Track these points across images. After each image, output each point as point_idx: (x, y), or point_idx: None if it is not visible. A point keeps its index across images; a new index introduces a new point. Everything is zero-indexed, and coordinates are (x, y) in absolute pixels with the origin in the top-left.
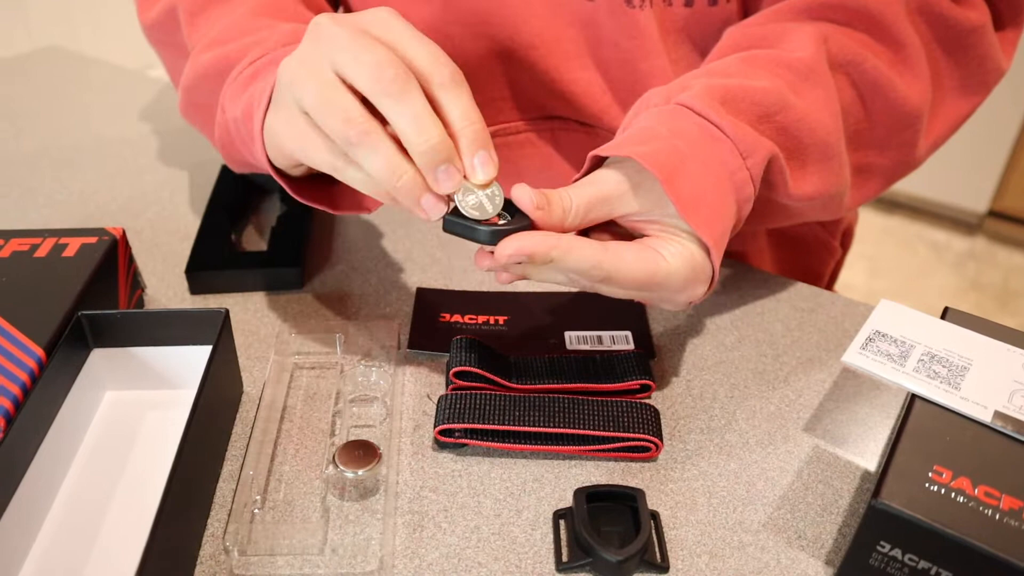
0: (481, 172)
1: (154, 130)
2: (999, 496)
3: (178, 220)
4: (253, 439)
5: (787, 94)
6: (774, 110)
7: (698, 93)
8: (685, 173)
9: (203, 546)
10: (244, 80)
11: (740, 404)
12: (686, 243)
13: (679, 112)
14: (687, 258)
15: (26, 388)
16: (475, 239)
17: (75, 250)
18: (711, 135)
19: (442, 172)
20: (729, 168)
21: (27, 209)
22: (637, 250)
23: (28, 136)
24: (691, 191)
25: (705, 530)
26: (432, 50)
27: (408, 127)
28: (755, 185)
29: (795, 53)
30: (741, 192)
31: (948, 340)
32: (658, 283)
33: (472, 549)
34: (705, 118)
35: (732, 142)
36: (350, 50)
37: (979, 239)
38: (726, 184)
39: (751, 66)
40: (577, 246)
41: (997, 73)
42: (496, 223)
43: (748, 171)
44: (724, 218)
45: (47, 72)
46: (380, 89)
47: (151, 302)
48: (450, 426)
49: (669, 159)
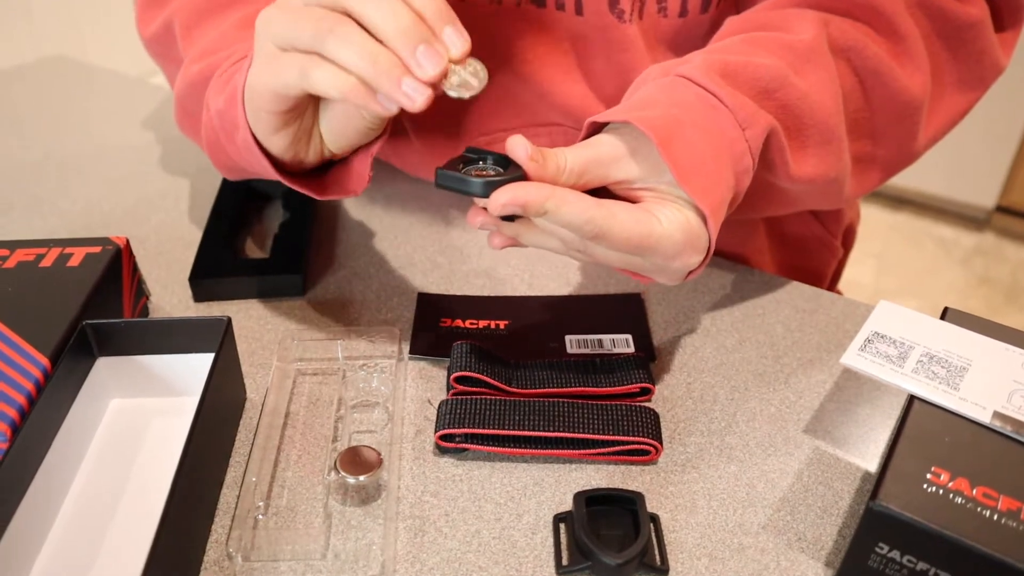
0: (453, 47)
1: (158, 138)
2: (997, 497)
3: (182, 228)
4: (256, 445)
5: (788, 73)
6: (775, 86)
7: (698, 65)
8: (682, 139)
9: (207, 552)
10: (227, 76)
11: (740, 406)
12: (682, 209)
13: (678, 83)
14: (682, 223)
15: (32, 397)
16: (468, 191)
17: (80, 260)
18: (710, 104)
19: (422, 54)
20: (728, 137)
21: (32, 217)
22: (632, 209)
23: (33, 145)
24: (688, 157)
25: (705, 532)
26: None
27: (377, 15)
28: (754, 158)
29: (797, 35)
30: (739, 163)
31: (947, 340)
32: (651, 246)
33: (473, 553)
34: (704, 88)
35: (731, 111)
36: None
37: (987, 234)
38: (724, 153)
39: (753, 45)
40: (572, 199)
41: (995, 70)
42: (490, 175)
43: (747, 143)
44: (721, 187)
45: (52, 81)
46: None
47: (155, 310)
48: (451, 431)
49: (666, 124)
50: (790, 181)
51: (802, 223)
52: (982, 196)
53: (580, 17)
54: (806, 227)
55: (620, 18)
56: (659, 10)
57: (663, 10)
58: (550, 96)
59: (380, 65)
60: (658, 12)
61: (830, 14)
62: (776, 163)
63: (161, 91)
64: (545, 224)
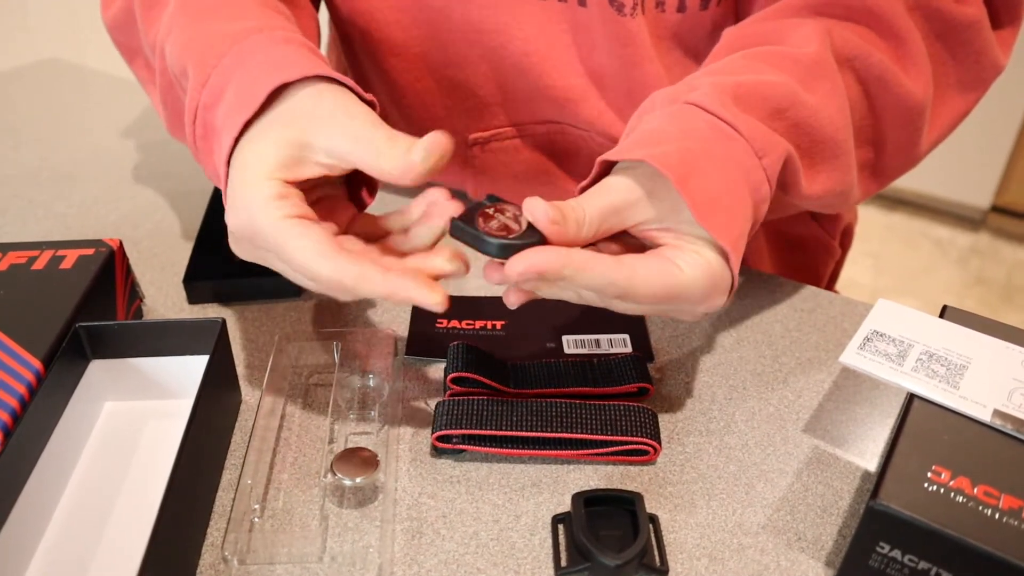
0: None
1: (152, 141)
2: (998, 495)
3: (176, 230)
4: (251, 448)
5: (797, 89)
6: (785, 105)
7: (707, 91)
8: (699, 174)
9: (202, 555)
10: (202, 140)
11: (739, 406)
12: (702, 251)
13: (689, 111)
14: (704, 267)
15: (24, 400)
16: (483, 251)
17: (72, 262)
18: (724, 134)
19: (426, 291)
20: (744, 168)
21: (27, 221)
22: (652, 263)
23: (27, 148)
24: (706, 193)
25: (704, 533)
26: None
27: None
28: (771, 185)
29: (801, 48)
30: (757, 192)
31: (946, 339)
32: (676, 296)
33: (471, 555)
34: (717, 116)
35: (746, 141)
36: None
37: (983, 235)
38: (742, 185)
39: (757, 62)
40: (591, 263)
41: (995, 69)
42: (506, 236)
43: (764, 171)
44: (741, 220)
45: (47, 84)
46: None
47: (149, 312)
48: (448, 432)
49: (682, 160)
50: (801, 199)
51: (800, 224)
52: (978, 196)
53: (583, 9)
54: (804, 228)
55: (620, 12)
56: (657, 5)
57: (660, 5)
58: (550, 90)
59: (402, 297)
60: (656, 7)
61: (830, 20)
62: (790, 184)
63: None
64: (565, 284)
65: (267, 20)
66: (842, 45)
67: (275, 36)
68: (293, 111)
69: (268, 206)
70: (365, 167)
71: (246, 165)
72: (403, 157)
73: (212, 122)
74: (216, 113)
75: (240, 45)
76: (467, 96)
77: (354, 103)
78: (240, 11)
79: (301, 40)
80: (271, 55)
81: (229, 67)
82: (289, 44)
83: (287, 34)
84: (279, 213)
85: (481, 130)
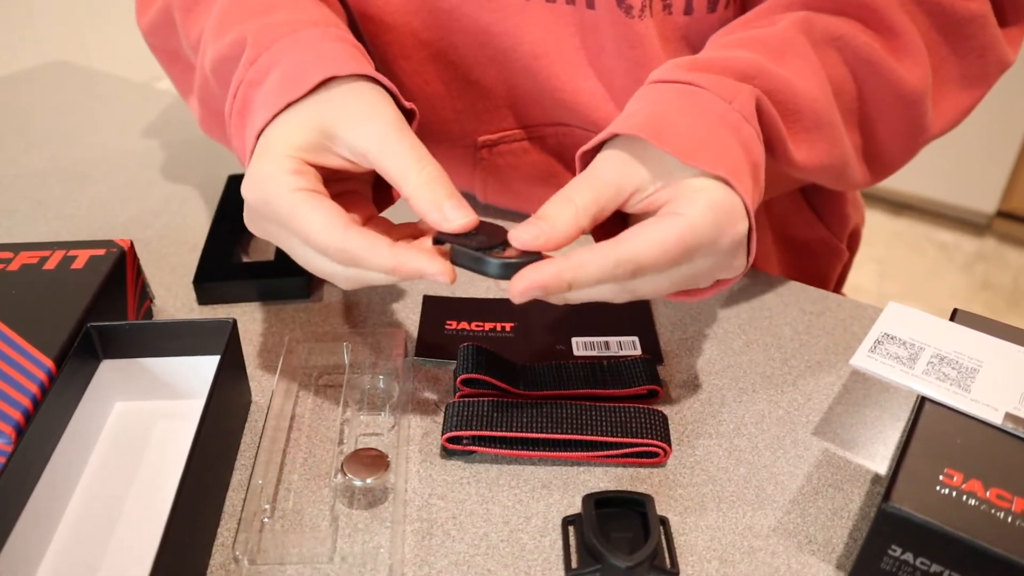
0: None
1: (161, 142)
2: (1011, 499)
3: (186, 231)
4: (262, 448)
5: (764, 62)
6: (751, 73)
7: (667, 67)
8: (672, 127)
9: (213, 555)
10: (238, 115)
11: (749, 408)
12: (701, 190)
13: (651, 88)
14: (707, 200)
15: (36, 400)
16: (485, 273)
17: (84, 262)
18: (687, 92)
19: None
20: (717, 113)
21: (37, 222)
22: (651, 223)
23: (37, 150)
24: (685, 140)
25: (715, 535)
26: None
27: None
28: (751, 125)
29: (770, 31)
30: (739, 133)
31: (957, 342)
32: (691, 243)
33: (481, 556)
34: (678, 81)
35: (709, 91)
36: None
37: (988, 239)
38: (719, 127)
39: (724, 46)
40: (587, 256)
41: (1000, 65)
42: (506, 256)
43: (738, 112)
44: (731, 154)
45: (55, 86)
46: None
47: (159, 313)
48: (458, 433)
49: (651, 120)
50: (791, 166)
51: (808, 227)
52: (983, 201)
53: (592, 11)
54: (812, 231)
55: (628, 13)
56: (664, 7)
57: (668, 7)
58: (559, 92)
59: (405, 273)
60: (663, 10)
61: (816, 13)
62: (775, 141)
63: (165, 96)
64: (576, 288)
65: (323, 16)
66: (824, 27)
67: (329, 32)
68: (328, 101)
69: (281, 178)
70: (383, 172)
71: (270, 140)
72: (437, 208)
73: (251, 98)
74: (258, 91)
75: (296, 34)
76: (476, 99)
77: (389, 107)
78: (298, 5)
79: (353, 41)
80: (323, 49)
81: (280, 51)
82: (342, 42)
83: (341, 33)
84: (292, 185)
85: (490, 132)
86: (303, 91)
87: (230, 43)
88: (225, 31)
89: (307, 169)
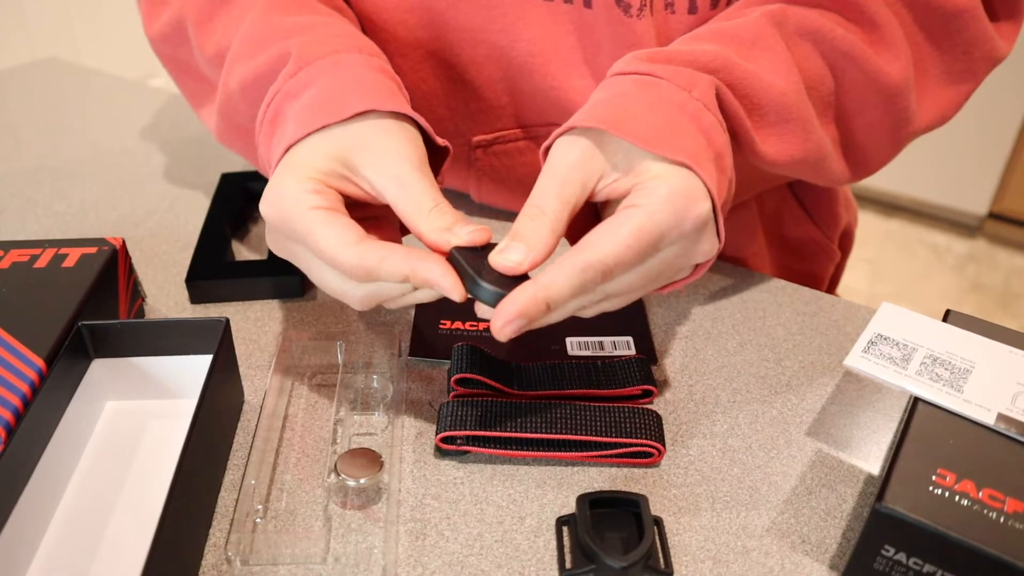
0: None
1: (154, 140)
2: (1003, 499)
3: (178, 230)
4: (255, 448)
5: (729, 55)
6: (715, 67)
7: (626, 60)
8: (631, 117)
9: (205, 556)
10: (268, 124)
11: (742, 409)
12: (660, 178)
13: (611, 80)
14: (664, 191)
15: (27, 399)
16: (476, 295)
17: (75, 260)
18: (646, 82)
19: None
20: (676, 103)
21: (27, 220)
22: (610, 223)
23: (28, 147)
24: (645, 128)
25: (709, 535)
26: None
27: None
28: (713, 113)
29: (740, 25)
30: (700, 121)
31: (950, 343)
32: (653, 234)
33: (475, 557)
34: (636, 72)
35: (668, 80)
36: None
37: (979, 241)
38: (679, 115)
39: (692, 38)
40: (554, 272)
41: (988, 61)
42: (499, 287)
43: (698, 100)
44: (690, 141)
45: (47, 83)
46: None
47: (151, 312)
48: (452, 433)
49: (610, 111)
50: (760, 160)
51: (800, 227)
52: (974, 203)
53: (588, 10)
54: (803, 230)
55: (627, 12)
56: (666, 6)
57: (670, 6)
58: (555, 91)
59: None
60: (665, 9)
61: (792, 6)
62: (740, 134)
63: (158, 94)
64: (555, 307)
65: (367, 44)
66: (799, 21)
67: (373, 63)
68: (355, 135)
69: (300, 196)
70: (398, 211)
71: (295, 159)
72: (441, 233)
73: (284, 110)
74: (292, 104)
75: (339, 55)
76: (472, 98)
77: (415, 149)
78: (339, 29)
79: (392, 75)
80: (366, 78)
81: (322, 70)
82: (384, 75)
83: (383, 64)
84: (309, 203)
85: (484, 132)
86: (340, 117)
87: (270, 60)
88: (260, 48)
89: (327, 190)
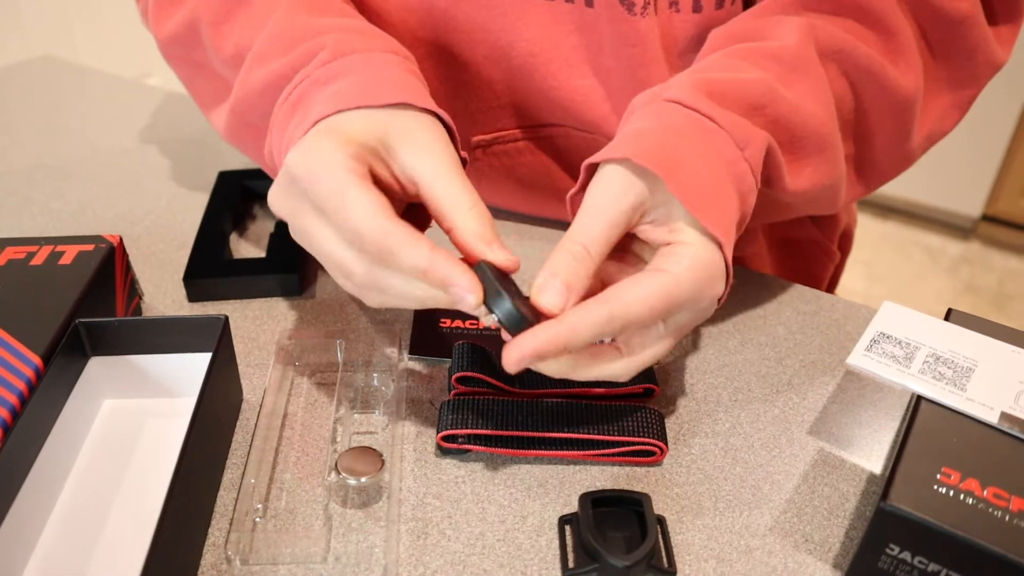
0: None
1: (151, 139)
2: (1008, 497)
3: (175, 228)
4: (254, 447)
5: (776, 86)
6: (764, 102)
7: (685, 87)
8: (684, 167)
9: (204, 555)
10: (289, 106)
11: (744, 408)
12: (689, 246)
13: (668, 108)
14: (692, 260)
15: (23, 397)
16: (498, 312)
17: (72, 258)
18: (704, 127)
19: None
20: (727, 159)
21: (23, 218)
22: (638, 280)
23: (24, 145)
24: (693, 185)
25: (712, 534)
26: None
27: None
28: (756, 176)
29: (781, 44)
30: (742, 183)
31: (953, 341)
32: (675, 301)
33: (477, 556)
34: (696, 110)
35: (727, 132)
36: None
37: (973, 243)
38: (726, 176)
39: (736, 59)
40: (580, 316)
41: (990, 67)
42: (525, 311)
43: (747, 162)
44: (730, 210)
45: (43, 81)
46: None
47: (149, 310)
48: (453, 432)
49: (666, 155)
50: (786, 194)
51: (800, 228)
52: (968, 205)
53: (590, 9)
54: (804, 232)
55: (630, 11)
56: (670, 5)
57: (674, 4)
58: (556, 91)
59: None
60: (670, 7)
61: (816, 15)
62: (773, 178)
63: (155, 92)
64: (571, 349)
65: (400, 47)
66: (826, 39)
67: (407, 65)
68: (396, 120)
69: (337, 157)
70: (432, 200)
71: (334, 124)
72: (479, 241)
73: (311, 95)
74: (322, 90)
75: (373, 53)
76: (472, 97)
77: (449, 147)
78: (371, 30)
79: (422, 78)
80: (402, 77)
81: (357, 63)
82: (417, 77)
83: (415, 68)
84: (347, 165)
85: (485, 132)
86: (379, 102)
87: (303, 55)
88: (291, 45)
89: (365, 160)
